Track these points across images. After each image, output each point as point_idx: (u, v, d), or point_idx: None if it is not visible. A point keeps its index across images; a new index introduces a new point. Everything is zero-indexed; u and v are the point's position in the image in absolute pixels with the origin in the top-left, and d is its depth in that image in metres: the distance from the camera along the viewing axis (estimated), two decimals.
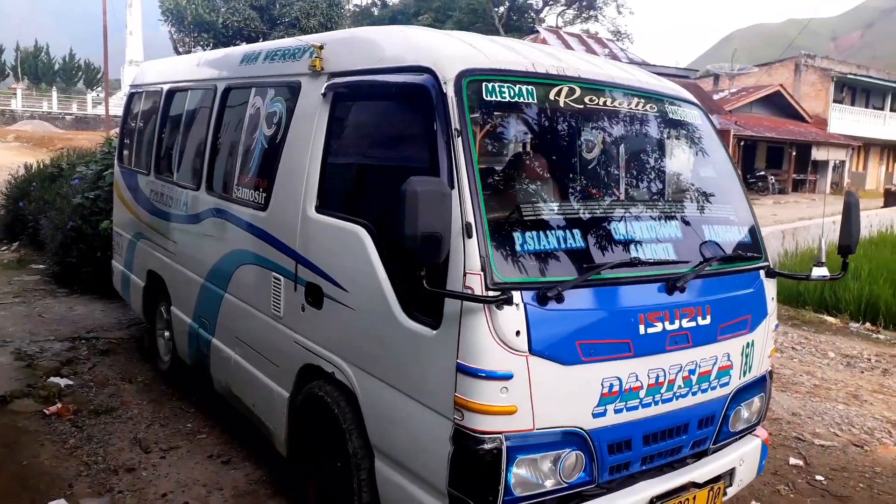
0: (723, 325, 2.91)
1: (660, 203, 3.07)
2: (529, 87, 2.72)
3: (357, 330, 2.93)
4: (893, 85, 39.38)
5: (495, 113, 2.60)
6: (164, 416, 4.82)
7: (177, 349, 5.11)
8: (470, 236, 2.34)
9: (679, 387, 2.77)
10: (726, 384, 2.99)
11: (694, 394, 2.84)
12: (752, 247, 3.21)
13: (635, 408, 2.63)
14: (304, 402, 3.31)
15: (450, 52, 2.72)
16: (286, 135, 3.55)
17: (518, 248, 2.43)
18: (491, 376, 2.31)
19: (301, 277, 3.32)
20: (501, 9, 42.32)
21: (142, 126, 5.96)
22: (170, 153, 5.21)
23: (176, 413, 4.88)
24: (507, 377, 2.31)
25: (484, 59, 2.72)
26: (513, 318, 2.32)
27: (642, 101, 3.11)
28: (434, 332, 2.48)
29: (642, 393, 2.64)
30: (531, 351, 2.34)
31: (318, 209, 3.23)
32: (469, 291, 2.31)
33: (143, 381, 5.47)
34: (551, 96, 2.77)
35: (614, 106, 2.95)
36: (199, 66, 5.02)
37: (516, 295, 2.31)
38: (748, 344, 3.07)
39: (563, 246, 2.53)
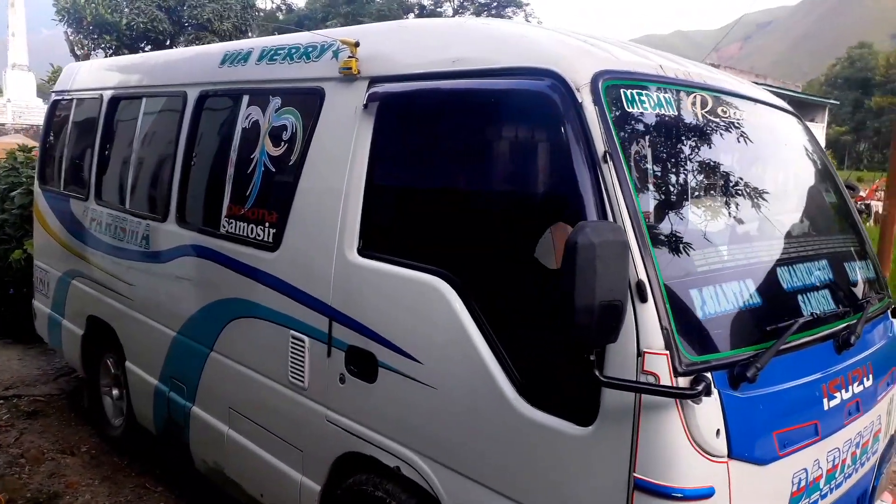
0: (880, 383, 2.42)
1: (811, 236, 2.53)
2: (667, 96, 2.12)
3: (440, 415, 2.22)
4: (789, 94, 41.80)
5: (638, 128, 1.98)
6: (126, 501, 3.88)
7: (135, 414, 4.16)
8: (644, 300, 1.70)
9: (848, 465, 2.24)
10: (876, 451, 2.50)
11: (857, 470, 2.32)
12: (877, 283, 2.74)
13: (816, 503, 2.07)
14: (349, 502, 2.56)
15: (572, 49, 2.08)
16: (305, 155, 2.79)
17: (700, 311, 1.81)
18: (689, 496, 1.67)
19: (339, 339, 2.56)
20: (412, 15, 41.84)
21: (73, 141, 4.92)
22: (119, 175, 4.26)
23: (139, 496, 3.94)
24: (708, 495, 1.69)
25: (613, 60, 2.10)
26: (711, 412, 1.70)
27: (766, 112, 2.57)
28: (584, 429, 1.82)
29: (822, 483, 2.09)
30: (731, 454, 1.73)
31: (364, 252, 2.50)
32: (651, 378, 1.67)
33: (89, 453, 4.46)
34: (689, 107, 2.18)
35: (747, 119, 2.38)
36: (157, 67, 4.11)
37: (710, 379, 1.70)
38: (892, 399, 2.59)
39: (746, 303, 1.94)
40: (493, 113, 2.22)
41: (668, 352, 1.67)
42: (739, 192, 2.17)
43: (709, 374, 1.71)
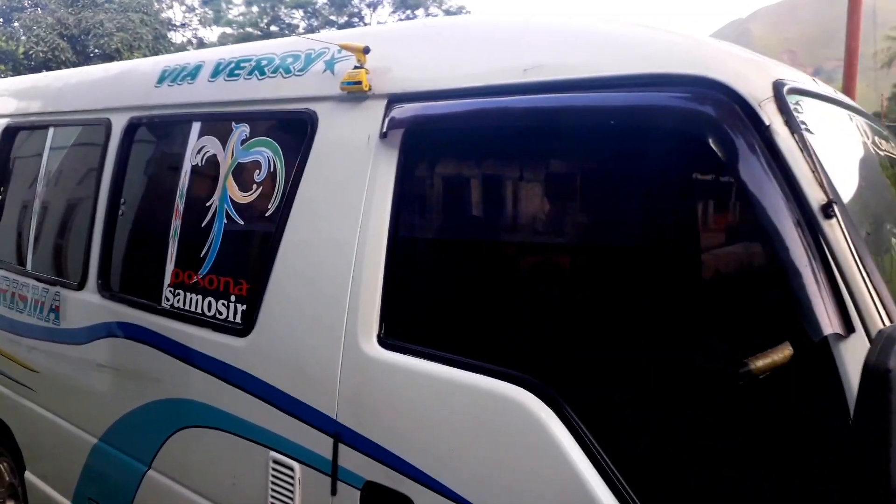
0: None
1: None
2: (841, 118, 1.50)
3: None
4: None
5: (834, 163, 1.33)
6: None
7: None
8: None
9: None
10: None
11: None
12: None
13: None
14: None
15: (730, 54, 1.42)
16: (290, 202, 2.00)
17: None
18: None
19: (349, 470, 1.77)
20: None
21: None
22: (17, 226, 3.29)
23: None
24: None
25: (774, 67, 1.45)
26: None
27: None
28: None
29: None
30: None
31: (388, 341, 1.73)
32: None
33: None
34: (862, 134, 1.56)
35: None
36: (69, 90, 3.20)
37: None
38: None
39: None
40: (611, 138, 1.51)
41: None
42: None
43: None
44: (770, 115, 1.23)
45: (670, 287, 1.44)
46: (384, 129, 1.79)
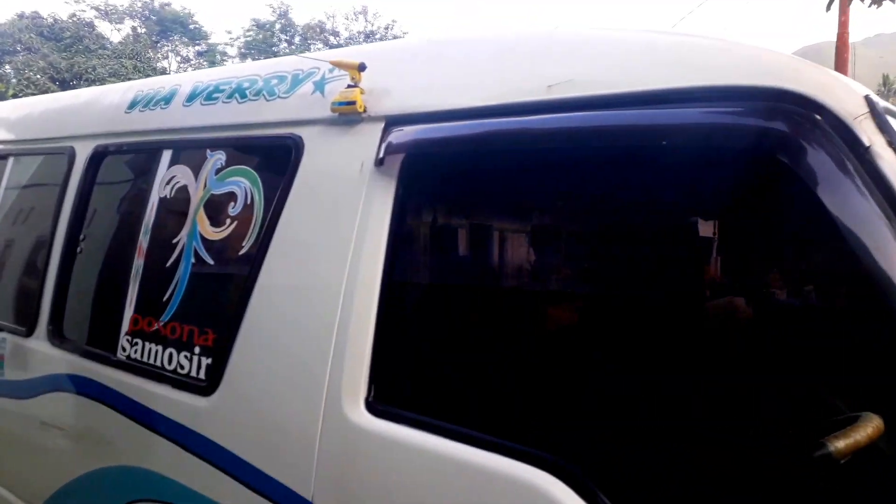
0: None
1: None
2: None
3: None
4: None
5: None
6: None
7: None
8: None
9: None
10: None
11: None
12: None
13: None
14: None
15: (808, 64, 1.19)
16: (268, 238, 1.73)
17: None
18: None
19: None
20: None
21: None
22: None
23: None
24: None
25: (852, 81, 1.22)
26: None
27: None
28: None
29: None
30: None
31: (378, 406, 1.44)
32: None
33: None
34: None
35: None
36: (32, 117, 2.95)
37: None
38: None
39: None
40: (662, 161, 1.25)
41: None
42: None
43: None
44: (870, 135, 0.99)
45: (731, 344, 1.18)
46: (380, 155, 1.54)
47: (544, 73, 1.38)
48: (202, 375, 1.80)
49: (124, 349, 2.04)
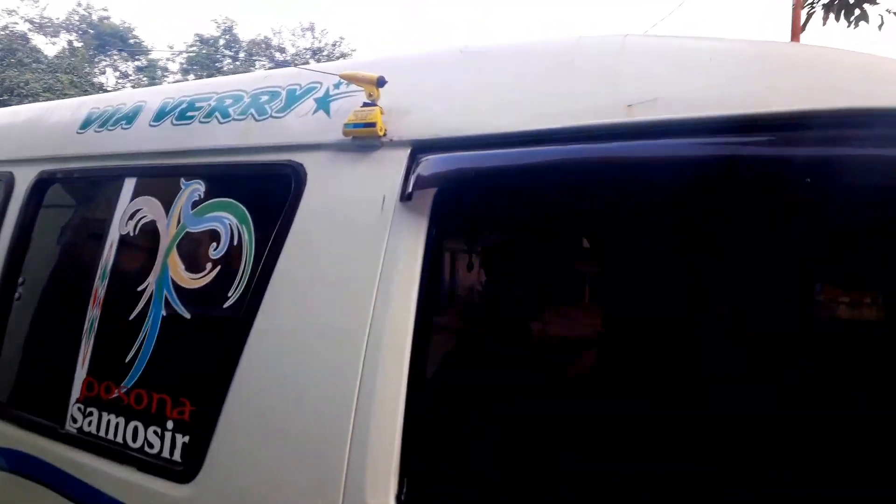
0: None
1: None
2: None
3: None
4: None
5: None
6: None
7: None
8: None
9: None
10: None
11: None
12: None
13: None
14: None
15: None
16: (260, 289, 1.42)
17: None
18: None
19: None
20: None
21: None
22: None
23: None
24: None
25: None
26: None
27: None
28: None
29: None
30: None
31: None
32: None
33: None
34: None
35: None
36: None
37: None
38: None
39: None
40: (806, 200, 1.01)
41: None
42: None
43: None
44: None
45: None
46: (409, 189, 1.26)
47: (618, 90, 1.14)
48: (177, 457, 1.46)
49: (75, 420, 1.68)
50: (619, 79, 1.16)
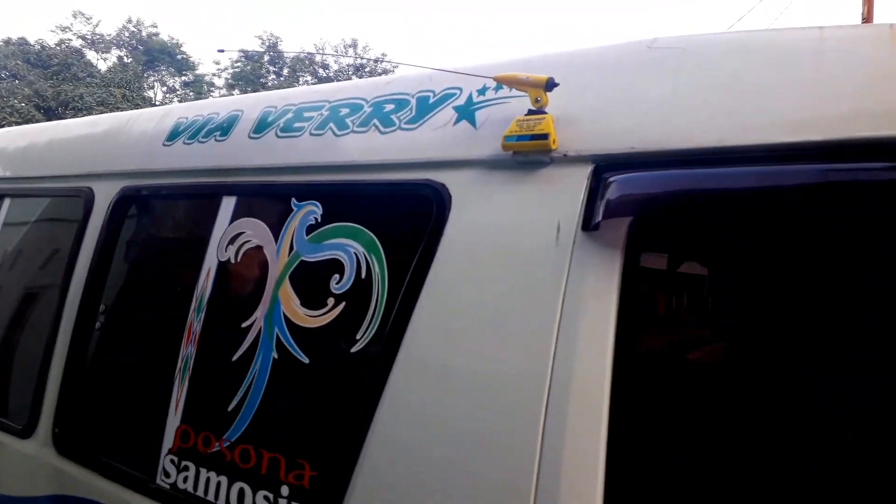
0: None
1: None
2: None
3: None
4: None
5: None
6: None
7: None
8: None
9: None
10: None
11: None
12: None
13: None
14: None
15: None
16: (398, 329, 1.18)
17: None
18: None
19: None
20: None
21: None
22: None
23: None
24: None
25: None
26: None
27: None
28: None
29: None
30: None
31: None
32: None
33: None
34: None
35: None
36: (37, 149, 2.34)
37: None
38: None
39: None
40: None
41: None
42: None
43: None
44: None
45: None
46: (597, 217, 1.01)
47: (892, 96, 0.87)
48: None
49: (167, 474, 1.46)
50: (891, 83, 0.89)
